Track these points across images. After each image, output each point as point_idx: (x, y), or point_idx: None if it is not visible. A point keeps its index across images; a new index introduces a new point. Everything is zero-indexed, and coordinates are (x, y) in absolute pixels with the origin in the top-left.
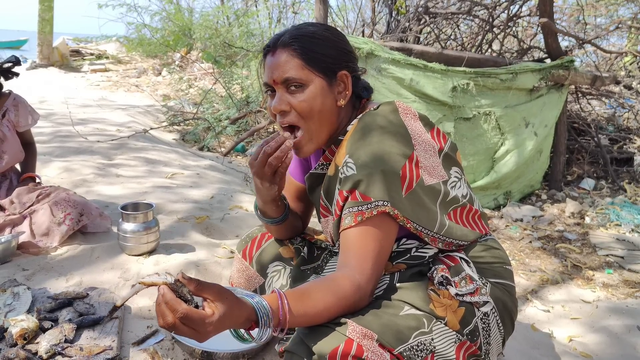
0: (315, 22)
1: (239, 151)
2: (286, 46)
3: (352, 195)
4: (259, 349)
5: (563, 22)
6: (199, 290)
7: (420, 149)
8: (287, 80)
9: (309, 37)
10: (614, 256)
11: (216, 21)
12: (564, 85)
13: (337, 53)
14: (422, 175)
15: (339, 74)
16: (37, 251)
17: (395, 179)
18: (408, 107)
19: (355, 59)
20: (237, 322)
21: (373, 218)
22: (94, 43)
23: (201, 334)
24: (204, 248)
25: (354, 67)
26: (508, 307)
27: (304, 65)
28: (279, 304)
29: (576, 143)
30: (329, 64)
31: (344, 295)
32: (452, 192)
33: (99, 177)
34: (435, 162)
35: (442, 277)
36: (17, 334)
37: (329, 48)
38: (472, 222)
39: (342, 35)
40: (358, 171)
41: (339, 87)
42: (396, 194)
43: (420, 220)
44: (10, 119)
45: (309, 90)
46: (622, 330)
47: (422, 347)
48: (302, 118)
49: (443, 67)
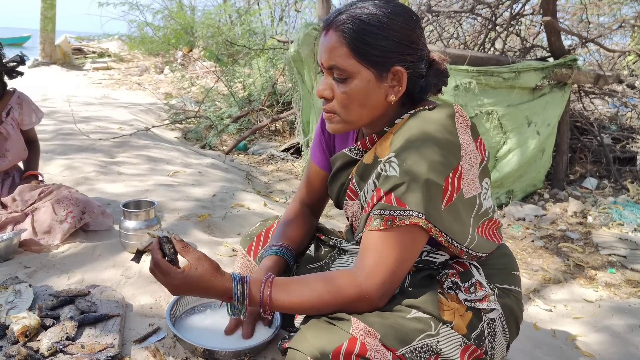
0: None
1: (240, 149)
2: (338, 28)
3: (387, 197)
4: (261, 348)
5: (566, 20)
6: (183, 252)
7: (466, 160)
8: (332, 67)
9: (364, 22)
10: (617, 255)
11: (218, 19)
12: (566, 84)
13: (395, 45)
14: (463, 188)
15: (393, 69)
16: (39, 249)
17: (437, 190)
18: (464, 113)
19: (420, 52)
20: (210, 291)
21: (403, 227)
22: (96, 41)
23: (169, 285)
24: (205, 246)
25: (414, 61)
26: (514, 313)
27: (351, 54)
28: (262, 284)
29: (579, 142)
30: (382, 57)
31: (338, 291)
32: (484, 205)
33: (101, 175)
34: (475, 174)
35: (451, 283)
36: (19, 331)
37: (384, 38)
38: (492, 234)
39: (411, 21)
40: (400, 174)
41: (391, 82)
42: (434, 206)
43: (454, 234)
44: (15, 117)
45: (354, 83)
46: (624, 330)
47: (427, 349)
48: (342, 108)
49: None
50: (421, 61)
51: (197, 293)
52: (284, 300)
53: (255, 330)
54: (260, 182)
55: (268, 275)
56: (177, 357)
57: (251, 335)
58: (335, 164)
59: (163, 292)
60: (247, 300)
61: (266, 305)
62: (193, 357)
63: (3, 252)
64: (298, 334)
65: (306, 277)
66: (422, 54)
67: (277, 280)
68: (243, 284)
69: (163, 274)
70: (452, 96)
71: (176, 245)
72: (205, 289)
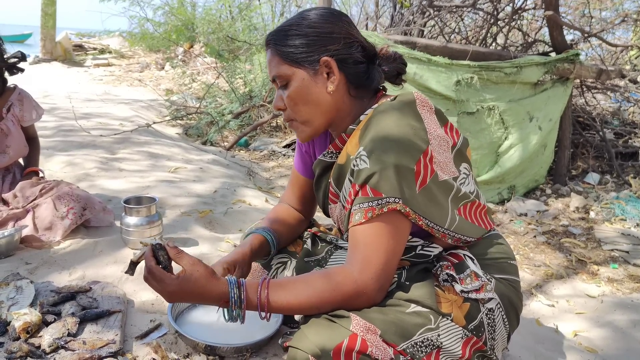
0: (313, 8)
1: (242, 145)
2: (268, 45)
3: (362, 190)
4: (262, 344)
5: (568, 15)
6: (177, 258)
7: (435, 143)
8: (275, 78)
9: (284, 30)
10: (619, 251)
11: (219, 15)
12: (569, 79)
13: (313, 39)
14: (436, 171)
15: (321, 60)
16: (40, 245)
17: (409, 174)
18: (426, 99)
19: (345, 40)
20: (206, 297)
21: (383, 215)
22: (96, 38)
23: (164, 293)
24: (207, 242)
25: (339, 49)
26: (513, 303)
27: (282, 60)
28: (258, 287)
29: (581, 137)
30: (304, 53)
31: (335, 288)
32: (462, 189)
33: (102, 171)
34: (448, 158)
35: (446, 275)
36: (20, 327)
37: (302, 37)
38: (479, 219)
39: (331, 16)
40: (371, 165)
41: (327, 74)
42: (409, 190)
43: (432, 217)
44: (15, 113)
45: (292, 85)
46: (627, 325)
47: (428, 343)
48: (293, 112)
49: (447, 60)
50: (350, 48)
51: (193, 299)
52: (282, 301)
53: (257, 326)
54: (261, 178)
55: (264, 278)
56: (179, 353)
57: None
58: (315, 171)
59: None
60: (244, 303)
61: (264, 307)
62: (195, 353)
63: (4, 249)
64: (298, 332)
65: (302, 276)
66: (348, 42)
67: (273, 282)
68: (239, 287)
69: (157, 281)
70: (453, 91)
71: (170, 252)
72: (201, 294)
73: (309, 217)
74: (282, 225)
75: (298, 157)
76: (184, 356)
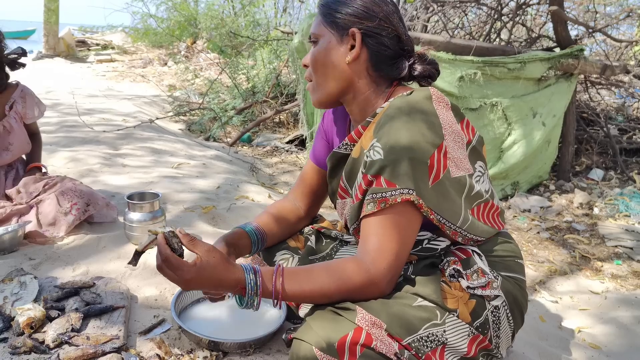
0: None
1: (245, 141)
2: (319, 7)
3: (377, 181)
4: (266, 340)
5: (573, 10)
6: (191, 245)
7: (450, 139)
8: (311, 36)
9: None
10: (623, 247)
11: (222, 11)
12: (573, 75)
13: (354, 10)
14: (449, 167)
15: (350, 30)
16: (43, 241)
17: (422, 167)
18: (442, 95)
19: (380, 22)
20: (224, 283)
21: (396, 206)
22: (99, 33)
23: (181, 281)
24: (210, 238)
25: (371, 27)
26: (518, 301)
27: (322, 20)
28: (273, 274)
29: (585, 133)
30: (342, 20)
31: (347, 277)
32: (477, 187)
33: (105, 167)
34: (463, 154)
35: (453, 270)
36: (24, 322)
37: (347, 6)
38: (492, 220)
39: (383, 0)
40: (385, 156)
41: (349, 45)
42: (422, 184)
43: (444, 212)
44: (18, 110)
45: (319, 44)
46: (631, 322)
47: (433, 339)
48: (312, 70)
49: (450, 56)
50: (382, 30)
51: (209, 286)
52: (296, 288)
53: (260, 322)
54: (264, 174)
55: (278, 266)
56: (182, 349)
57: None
58: (329, 164)
59: (168, 283)
60: (260, 290)
61: (278, 295)
62: (198, 348)
63: (8, 244)
64: (303, 325)
65: (315, 265)
66: (383, 25)
67: (287, 270)
68: (255, 273)
69: (174, 269)
70: (456, 87)
71: (183, 239)
72: (219, 280)
73: (310, 215)
74: (278, 223)
75: (317, 145)
76: (188, 352)
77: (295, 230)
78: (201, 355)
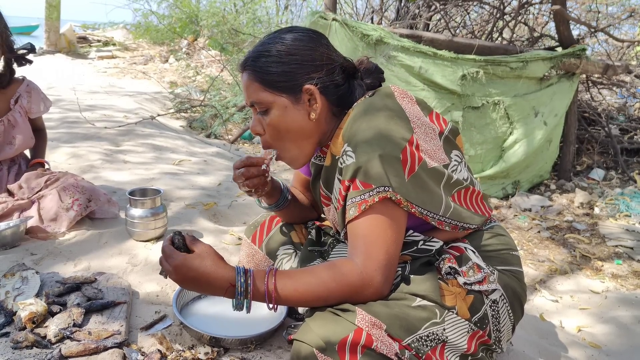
0: (290, 29)
1: (246, 139)
2: (247, 68)
3: (353, 185)
4: (267, 336)
5: (575, 10)
6: (192, 244)
7: (420, 131)
8: (253, 104)
9: (265, 55)
10: (623, 247)
11: (223, 8)
12: (575, 74)
13: (297, 67)
14: (424, 158)
15: (303, 88)
16: (45, 236)
17: (395, 163)
18: (405, 91)
19: (327, 66)
20: (212, 281)
21: (377, 205)
22: (101, 30)
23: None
24: (211, 234)
25: (322, 77)
26: (517, 293)
27: (262, 87)
28: (265, 275)
29: (586, 133)
30: (287, 81)
31: (342, 279)
32: (455, 176)
33: (106, 163)
34: (437, 145)
35: (449, 268)
36: (26, 317)
37: (285, 64)
38: (475, 205)
39: (310, 41)
40: (357, 159)
41: (309, 102)
42: (398, 178)
43: (424, 203)
44: (23, 105)
45: (273, 113)
46: (631, 321)
47: (433, 337)
48: (275, 140)
49: (453, 54)
50: (332, 73)
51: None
52: (289, 289)
53: (261, 319)
54: None
55: (270, 267)
56: (184, 345)
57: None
58: (312, 174)
59: (169, 280)
60: (250, 292)
61: (272, 296)
62: (199, 344)
63: (10, 239)
64: (303, 326)
65: (308, 267)
66: (330, 67)
67: (280, 271)
68: (246, 273)
69: (166, 257)
70: (459, 85)
71: (186, 238)
72: (207, 274)
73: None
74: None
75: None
76: (189, 347)
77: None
78: (202, 351)
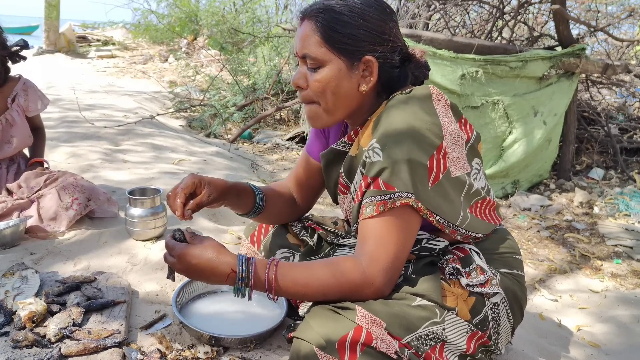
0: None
1: (245, 138)
2: (311, 18)
3: (375, 183)
4: (266, 335)
5: (574, 9)
6: (191, 239)
7: (449, 139)
8: (305, 56)
9: (336, 11)
10: (623, 246)
11: (223, 7)
12: (574, 74)
13: (365, 34)
14: (449, 167)
15: (364, 58)
16: (44, 235)
17: (422, 170)
18: (441, 94)
19: (392, 43)
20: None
21: (395, 209)
22: (100, 29)
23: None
24: (211, 234)
25: (385, 52)
26: (518, 297)
27: (323, 42)
28: (267, 264)
29: (586, 132)
30: (352, 46)
31: (342, 275)
32: (475, 185)
33: (106, 163)
34: (461, 153)
35: (452, 269)
36: (26, 317)
37: (355, 28)
38: (488, 215)
39: (384, 12)
40: (384, 158)
41: (363, 72)
42: (421, 186)
43: (444, 213)
44: (20, 103)
45: (325, 71)
46: (630, 320)
47: (433, 337)
48: (317, 96)
49: (452, 54)
50: (393, 52)
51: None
52: (289, 281)
53: (261, 318)
54: (265, 171)
55: (272, 258)
56: (183, 344)
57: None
58: (323, 160)
59: (171, 281)
60: (252, 280)
61: (272, 286)
62: (199, 343)
63: (9, 239)
64: (303, 323)
65: (311, 261)
66: (394, 46)
67: (282, 263)
68: (248, 261)
69: (169, 249)
70: (458, 85)
71: (186, 234)
72: (209, 261)
73: (304, 207)
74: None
75: (314, 141)
76: (189, 347)
77: (291, 213)
78: (202, 350)
